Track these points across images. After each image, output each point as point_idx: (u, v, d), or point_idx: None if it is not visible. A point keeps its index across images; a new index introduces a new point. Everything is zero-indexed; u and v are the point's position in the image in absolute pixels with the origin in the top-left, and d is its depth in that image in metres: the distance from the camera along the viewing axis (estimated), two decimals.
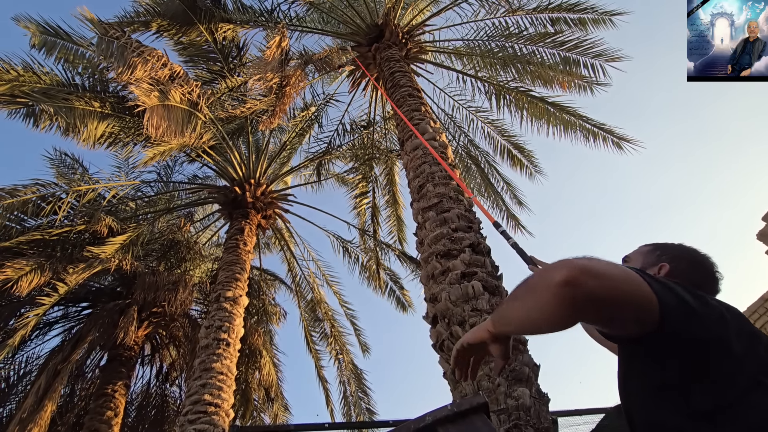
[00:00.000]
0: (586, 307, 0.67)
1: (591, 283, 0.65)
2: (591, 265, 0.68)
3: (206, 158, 8.71)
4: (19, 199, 6.34)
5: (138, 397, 9.77)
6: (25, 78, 6.19)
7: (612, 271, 0.69)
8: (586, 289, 0.65)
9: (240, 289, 7.03)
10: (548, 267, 0.71)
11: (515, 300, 0.78)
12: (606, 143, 7.60)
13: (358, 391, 9.16)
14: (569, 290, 0.65)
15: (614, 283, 0.68)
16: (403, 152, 5.58)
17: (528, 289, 0.74)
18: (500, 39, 7.72)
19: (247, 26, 7.74)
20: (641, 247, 1.12)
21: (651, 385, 0.76)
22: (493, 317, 0.89)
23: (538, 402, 2.77)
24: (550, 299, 0.67)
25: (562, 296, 0.65)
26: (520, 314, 0.76)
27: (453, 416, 0.79)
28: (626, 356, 0.82)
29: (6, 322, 7.60)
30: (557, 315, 0.68)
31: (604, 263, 0.70)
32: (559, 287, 0.65)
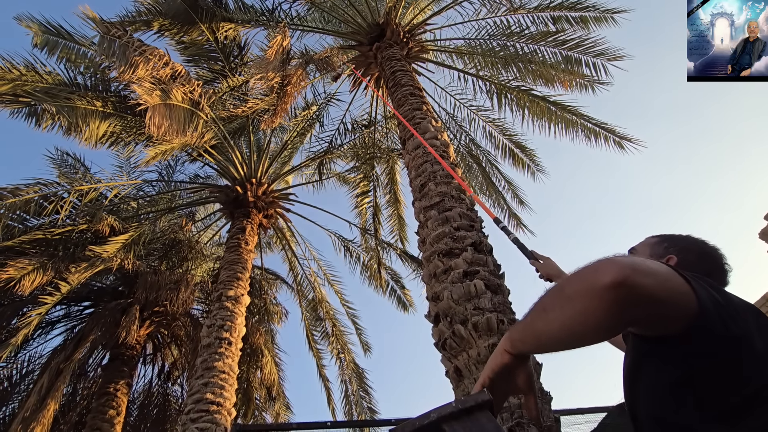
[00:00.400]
0: (640, 309, 0.62)
1: (646, 282, 0.60)
2: (639, 262, 0.63)
3: (208, 158, 8.72)
4: (22, 198, 6.35)
5: (140, 396, 9.80)
6: (27, 77, 6.21)
7: (657, 267, 0.65)
8: (642, 289, 0.60)
9: (242, 288, 7.04)
10: (585, 270, 0.64)
11: (545, 311, 0.69)
12: (608, 143, 7.60)
13: (360, 390, 9.17)
14: (623, 292, 0.58)
15: (664, 279, 0.64)
16: (405, 151, 5.58)
17: (563, 297, 0.66)
18: (502, 38, 7.72)
19: (249, 25, 7.74)
20: (648, 239, 1.08)
21: (667, 382, 0.72)
22: (511, 335, 0.77)
23: (541, 400, 2.76)
24: (598, 305, 0.59)
25: (614, 300, 0.59)
26: (555, 327, 0.66)
27: (458, 413, 0.78)
28: (642, 352, 0.77)
29: (8, 321, 7.62)
30: (608, 321, 0.61)
31: (641, 259, 0.66)
32: (609, 290, 0.58)
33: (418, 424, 0.78)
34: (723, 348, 0.68)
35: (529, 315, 0.73)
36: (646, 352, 0.76)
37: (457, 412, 0.77)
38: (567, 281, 0.67)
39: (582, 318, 0.62)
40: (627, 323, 0.65)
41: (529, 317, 0.73)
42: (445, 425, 0.77)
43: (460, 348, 3.24)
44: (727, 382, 0.67)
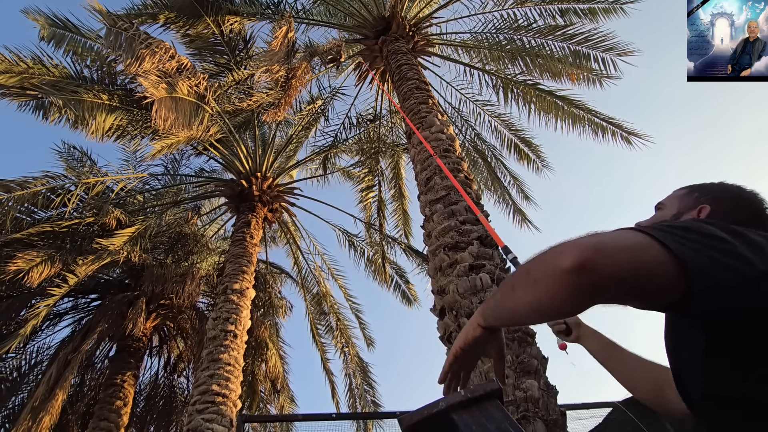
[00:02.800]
0: (603, 292, 0.59)
1: (607, 263, 0.57)
2: (604, 242, 0.59)
3: (213, 151, 8.74)
4: (30, 191, 6.40)
5: (146, 388, 9.90)
6: (34, 70, 6.23)
7: (626, 243, 0.60)
8: (603, 271, 0.57)
9: (247, 281, 7.07)
10: (550, 251, 0.62)
11: (513, 290, 0.69)
12: (615, 138, 7.53)
13: (364, 384, 9.22)
14: (583, 275, 0.57)
15: (632, 256, 0.59)
16: (410, 145, 5.56)
17: (529, 279, 0.65)
18: (508, 31, 7.64)
19: (254, 19, 7.72)
20: (676, 191, 1.00)
21: (700, 354, 0.66)
22: (483, 311, 0.80)
23: (547, 394, 2.76)
24: (559, 289, 0.59)
25: (573, 284, 0.57)
26: (522, 306, 0.67)
27: (467, 402, 0.77)
28: (671, 328, 0.73)
29: (17, 312, 7.71)
30: (570, 304, 0.60)
31: (611, 236, 0.61)
32: (568, 274, 0.57)
33: (427, 413, 0.78)
34: (743, 297, 0.60)
35: (500, 292, 0.74)
36: (673, 327, 0.73)
37: (466, 401, 0.76)
38: (533, 262, 0.65)
39: (547, 300, 0.61)
40: (593, 304, 0.61)
41: (499, 294, 0.73)
42: (453, 414, 0.76)
43: None
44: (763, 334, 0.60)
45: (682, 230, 0.63)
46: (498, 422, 0.73)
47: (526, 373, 2.84)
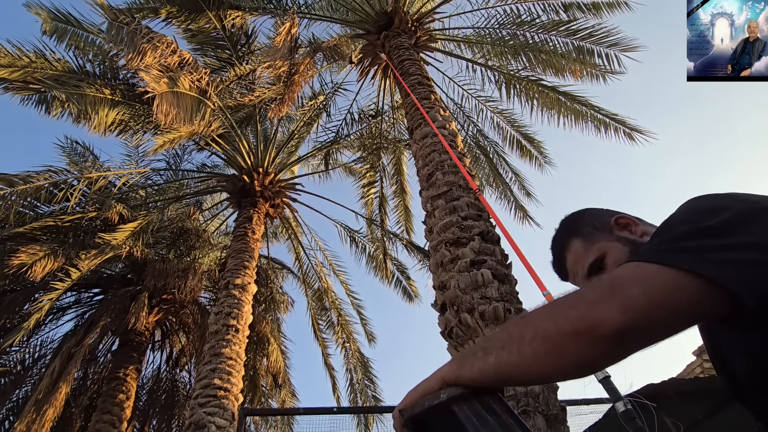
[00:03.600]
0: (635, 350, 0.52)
1: (647, 328, 0.49)
2: (635, 298, 0.50)
3: (215, 147, 8.75)
4: (33, 185, 6.42)
5: (149, 382, 9.97)
6: (37, 64, 6.24)
7: (655, 290, 0.51)
8: (643, 336, 0.50)
9: (248, 276, 7.10)
10: (569, 310, 0.53)
11: (519, 354, 0.57)
12: (618, 134, 7.50)
13: (365, 379, 9.25)
14: (624, 344, 0.50)
15: (668, 305, 0.50)
16: (412, 141, 5.55)
17: (547, 343, 0.54)
18: (511, 27, 7.60)
19: (256, 13, 7.69)
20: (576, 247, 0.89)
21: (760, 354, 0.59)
22: (459, 371, 0.62)
23: (547, 389, 2.77)
24: (592, 355, 0.51)
25: (610, 352, 0.51)
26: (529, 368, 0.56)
27: (467, 395, 0.76)
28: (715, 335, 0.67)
29: (21, 306, 7.76)
30: (598, 367, 0.53)
31: (642, 284, 0.51)
32: (607, 343, 0.50)
33: (428, 404, 0.78)
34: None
35: (491, 350, 0.60)
36: (722, 338, 0.66)
37: (467, 394, 0.77)
38: (549, 321, 0.55)
39: (570, 366, 0.54)
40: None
41: (493, 356, 0.60)
42: (454, 406, 0.76)
43: (466, 336, 3.25)
44: None
45: (689, 238, 0.56)
46: (499, 414, 0.73)
47: None
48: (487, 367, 0.61)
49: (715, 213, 0.57)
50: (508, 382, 0.61)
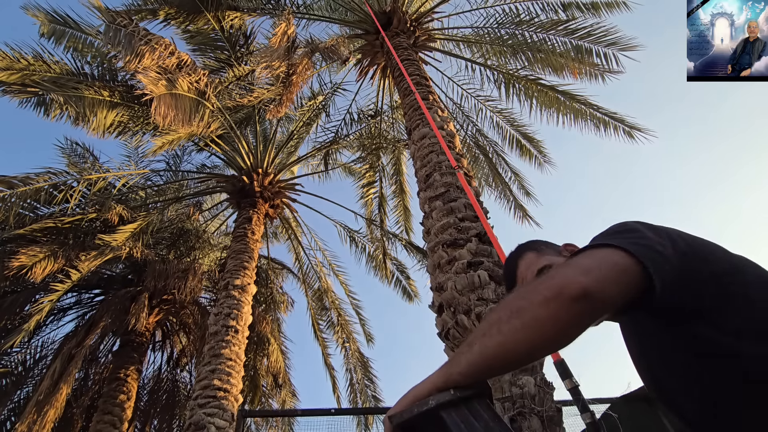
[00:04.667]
0: (600, 313, 0.62)
1: (604, 290, 0.62)
2: (591, 268, 0.63)
3: (214, 147, 8.75)
4: (32, 187, 6.44)
5: (150, 382, 10.00)
6: (35, 67, 6.25)
7: (607, 264, 0.65)
8: (602, 297, 0.61)
9: (248, 277, 7.10)
10: (539, 287, 0.63)
11: (499, 333, 0.64)
12: (617, 132, 7.48)
13: (365, 379, 9.27)
14: (587, 303, 0.60)
15: (616, 274, 0.64)
16: (410, 141, 5.55)
17: (525, 315, 0.63)
18: (510, 26, 7.59)
19: (254, 14, 7.69)
20: (525, 262, 1.06)
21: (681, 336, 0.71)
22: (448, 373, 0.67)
23: (543, 391, 2.78)
24: (565, 317, 0.60)
25: (579, 311, 0.60)
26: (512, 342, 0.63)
27: (456, 401, 0.77)
28: (631, 327, 0.79)
29: (22, 307, 7.78)
30: (573, 331, 0.62)
31: (595, 260, 0.65)
32: (574, 302, 0.60)
33: (417, 411, 0.78)
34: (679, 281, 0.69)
35: (474, 342, 0.66)
36: (637, 331, 0.78)
37: (456, 400, 0.77)
38: (524, 299, 0.65)
39: (551, 331, 0.62)
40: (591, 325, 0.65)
41: (477, 345, 0.66)
42: (442, 412, 0.77)
43: (463, 338, 3.25)
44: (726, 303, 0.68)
45: (627, 232, 0.73)
46: (486, 421, 0.74)
47: (523, 369, 2.85)
48: (473, 357, 0.66)
49: (631, 226, 0.76)
50: (495, 366, 0.66)
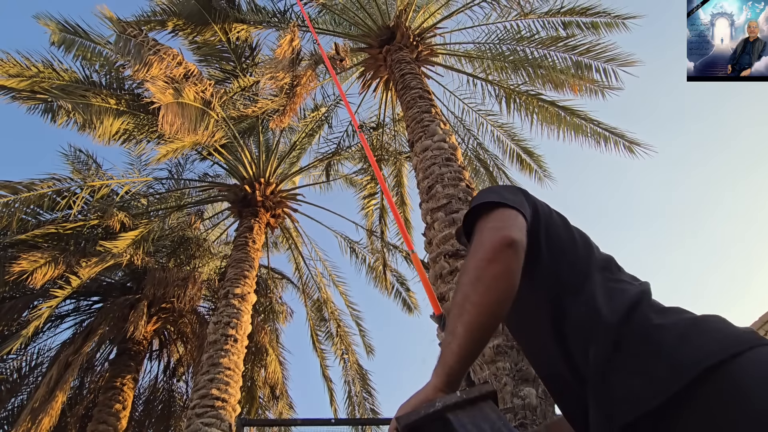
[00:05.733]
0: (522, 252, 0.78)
1: (521, 235, 0.79)
2: (509, 225, 0.82)
3: (217, 156, 8.82)
4: (36, 193, 6.48)
5: (146, 392, 9.89)
6: (44, 74, 6.35)
7: (511, 214, 0.85)
8: (521, 238, 0.79)
9: (248, 286, 7.10)
10: (479, 250, 0.78)
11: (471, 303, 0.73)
12: (617, 147, 7.57)
13: (363, 392, 9.18)
14: (516, 245, 0.76)
15: (521, 221, 0.85)
16: (413, 153, 5.62)
17: (484, 274, 0.75)
18: (511, 42, 7.73)
19: (261, 27, 7.84)
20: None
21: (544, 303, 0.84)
22: (444, 366, 0.74)
23: (545, 402, 2.77)
24: (507, 260, 0.75)
25: (514, 253, 0.76)
26: (486, 303, 0.73)
27: (462, 403, 0.80)
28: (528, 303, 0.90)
29: (20, 313, 7.75)
30: (517, 268, 0.76)
31: (503, 216, 0.84)
32: (508, 247, 0.75)
33: (424, 413, 0.80)
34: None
35: (457, 328, 0.74)
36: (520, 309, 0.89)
37: (462, 402, 0.79)
38: (476, 267, 0.79)
39: (504, 277, 0.75)
40: (521, 263, 0.79)
41: (460, 329, 0.74)
42: (449, 414, 0.79)
43: None
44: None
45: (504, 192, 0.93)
46: (492, 422, 0.76)
47: (525, 380, 2.86)
48: (461, 338, 0.74)
49: (496, 189, 0.96)
50: (482, 335, 0.75)
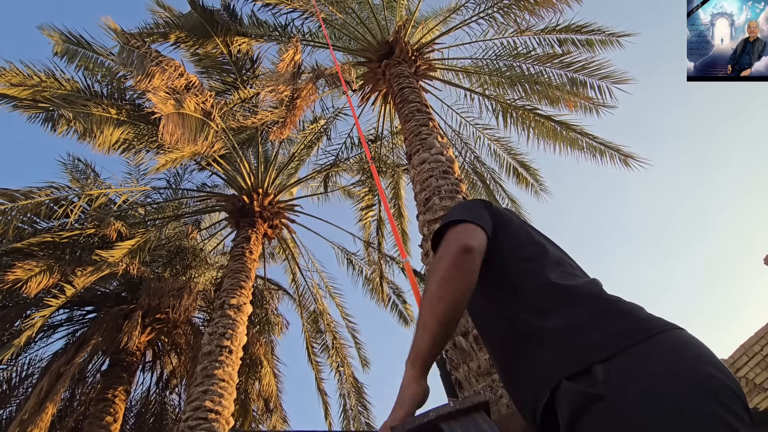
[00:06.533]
0: (479, 258, 0.94)
1: (474, 242, 0.95)
2: (466, 235, 0.96)
3: (216, 167, 8.86)
4: (34, 201, 6.47)
5: (137, 404, 9.73)
6: (47, 84, 6.40)
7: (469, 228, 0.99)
8: (476, 246, 0.94)
9: (244, 296, 7.07)
10: (443, 254, 0.94)
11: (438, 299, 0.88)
12: (613, 161, 7.67)
13: (358, 405, 9.08)
14: (470, 251, 0.92)
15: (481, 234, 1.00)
16: (411, 166, 5.67)
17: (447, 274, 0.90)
18: (508, 58, 7.87)
19: (262, 40, 7.96)
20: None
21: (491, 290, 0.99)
22: (415, 359, 0.84)
23: None
24: (463, 262, 0.91)
25: (470, 258, 0.91)
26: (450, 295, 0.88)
27: (455, 413, 0.82)
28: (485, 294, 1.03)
29: (12, 323, 7.66)
30: (474, 267, 0.91)
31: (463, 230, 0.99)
32: (463, 253, 0.91)
33: (418, 423, 0.82)
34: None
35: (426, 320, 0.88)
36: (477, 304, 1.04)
37: (455, 412, 0.80)
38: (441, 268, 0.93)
39: (461, 274, 0.91)
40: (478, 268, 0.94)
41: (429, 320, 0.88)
42: (443, 424, 0.80)
43: (460, 360, 3.25)
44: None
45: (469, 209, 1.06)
46: (485, 431, 0.77)
47: None
48: (433, 330, 0.86)
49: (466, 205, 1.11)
50: (450, 321, 0.88)
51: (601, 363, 0.75)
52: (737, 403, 0.69)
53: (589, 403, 0.71)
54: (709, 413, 0.66)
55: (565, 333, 0.82)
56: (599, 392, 0.71)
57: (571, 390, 0.74)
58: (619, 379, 0.71)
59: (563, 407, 0.75)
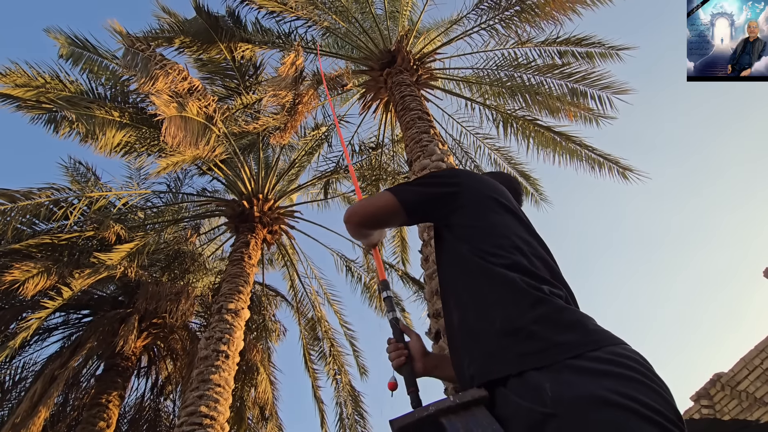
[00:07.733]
0: (364, 225, 1.27)
1: (356, 216, 1.24)
2: (359, 207, 1.24)
3: (217, 171, 8.88)
4: (34, 202, 6.47)
5: (131, 410, 9.61)
6: (51, 85, 6.44)
7: (372, 201, 1.24)
8: (356, 220, 1.24)
9: (242, 301, 7.03)
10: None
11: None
12: (611, 173, 7.71)
13: (355, 414, 8.98)
14: (350, 223, 1.24)
15: (375, 207, 1.23)
16: (411, 172, 5.69)
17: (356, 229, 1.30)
18: (509, 69, 7.95)
19: (265, 47, 8.03)
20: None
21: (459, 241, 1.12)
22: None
23: None
24: (350, 227, 1.27)
25: (351, 226, 1.25)
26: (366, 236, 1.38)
27: (455, 407, 0.82)
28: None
29: (7, 325, 7.60)
30: (359, 231, 1.30)
31: (369, 200, 1.24)
32: (347, 223, 1.25)
33: (418, 416, 0.81)
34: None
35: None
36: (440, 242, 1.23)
37: (455, 406, 0.80)
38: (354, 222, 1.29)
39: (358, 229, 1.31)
40: (363, 230, 1.31)
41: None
42: (443, 418, 0.79)
43: None
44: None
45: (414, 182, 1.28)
46: (484, 427, 0.76)
47: None
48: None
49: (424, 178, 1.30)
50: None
51: (536, 371, 0.77)
52: (675, 426, 0.72)
53: (543, 421, 0.73)
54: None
55: (504, 335, 0.86)
56: (551, 411, 0.72)
57: (523, 407, 0.75)
58: (569, 396, 0.73)
59: (512, 421, 0.77)
